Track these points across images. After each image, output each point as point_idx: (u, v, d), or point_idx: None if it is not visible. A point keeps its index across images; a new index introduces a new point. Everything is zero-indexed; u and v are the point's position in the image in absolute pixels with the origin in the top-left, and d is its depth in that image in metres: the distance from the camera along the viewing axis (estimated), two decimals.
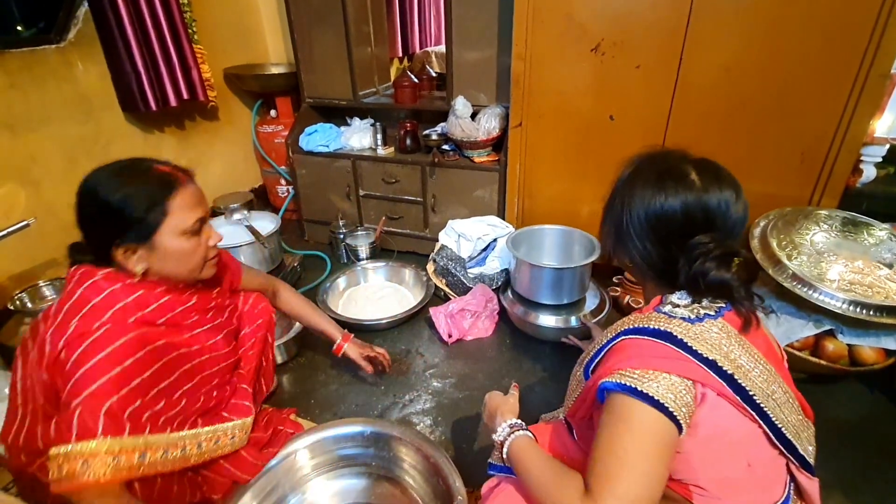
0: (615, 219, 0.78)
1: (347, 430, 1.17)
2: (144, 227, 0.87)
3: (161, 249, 0.89)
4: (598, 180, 1.81)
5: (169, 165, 0.93)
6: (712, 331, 0.68)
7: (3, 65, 1.62)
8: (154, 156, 2.32)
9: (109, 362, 0.80)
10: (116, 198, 0.85)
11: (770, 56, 1.44)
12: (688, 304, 0.71)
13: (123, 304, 0.87)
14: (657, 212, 0.72)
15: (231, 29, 2.46)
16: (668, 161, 0.77)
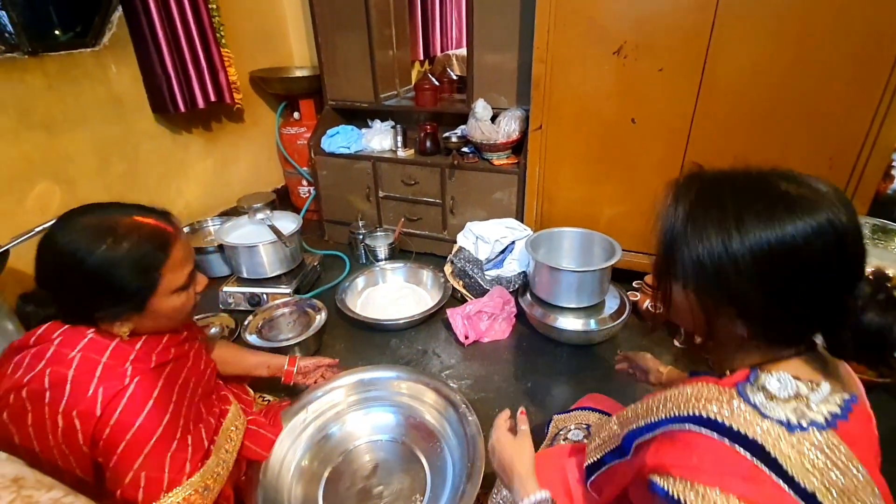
0: (692, 273, 0.56)
1: (380, 374, 1.32)
2: (139, 297, 0.79)
3: (153, 311, 0.82)
4: (618, 184, 1.79)
5: (153, 215, 0.83)
6: (816, 447, 0.48)
7: (42, 67, 1.70)
8: (182, 156, 2.40)
9: (155, 416, 0.78)
10: (105, 268, 0.75)
11: (798, 59, 1.41)
12: (789, 397, 0.51)
13: (135, 354, 0.81)
14: (773, 248, 0.50)
15: (257, 33, 2.52)
16: (752, 179, 0.57)
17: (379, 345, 1.74)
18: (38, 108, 1.70)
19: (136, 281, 0.78)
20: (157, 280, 0.80)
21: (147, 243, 0.79)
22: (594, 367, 1.61)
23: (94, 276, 0.75)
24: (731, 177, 0.58)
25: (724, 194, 0.56)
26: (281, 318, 1.74)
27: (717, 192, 0.57)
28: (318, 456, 1.21)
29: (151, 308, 0.82)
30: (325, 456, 1.21)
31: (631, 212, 1.82)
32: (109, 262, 0.75)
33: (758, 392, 0.52)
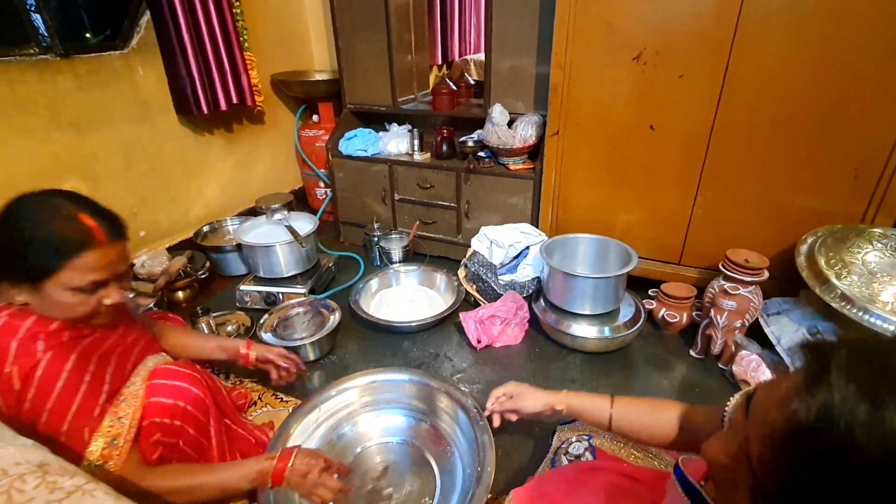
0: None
1: (394, 377, 1.33)
2: (34, 274, 0.84)
3: (46, 296, 0.86)
4: (635, 191, 1.78)
5: (98, 219, 0.88)
6: None
7: (73, 69, 1.75)
8: (203, 157, 2.46)
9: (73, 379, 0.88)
10: (24, 235, 0.82)
11: (822, 68, 1.39)
12: None
13: (46, 332, 0.88)
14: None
15: (279, 37, 2.57)
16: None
17: (391, 346, 1.75)
18: (68, 108, 1.76)
19: (38, 258, 0.83)
20: (55, 268, 0.84)
21: (66, 236, 0.84)
22: (608, 375, 1.60)
23: (12, 237, 0.83)
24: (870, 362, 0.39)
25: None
26: (296, 317, 1.76)
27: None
28: (330, 455, 1.21)
29: (45, 291, 0.86)
30: (337, 455, 1.22)
31: (648, 219, 1.80)
32: (31, 233, 0.82)
33: None
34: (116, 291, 0.93)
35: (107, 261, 0.88)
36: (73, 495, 0.51)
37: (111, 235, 0.89)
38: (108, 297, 0.92)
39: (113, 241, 0.89)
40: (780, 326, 1.49)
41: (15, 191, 1.76)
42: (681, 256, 1.82)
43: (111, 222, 0.91)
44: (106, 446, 0.88)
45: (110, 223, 0.90)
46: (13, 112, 1.61)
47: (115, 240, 0.90)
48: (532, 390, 1.02)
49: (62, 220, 0.84)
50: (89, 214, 0.87)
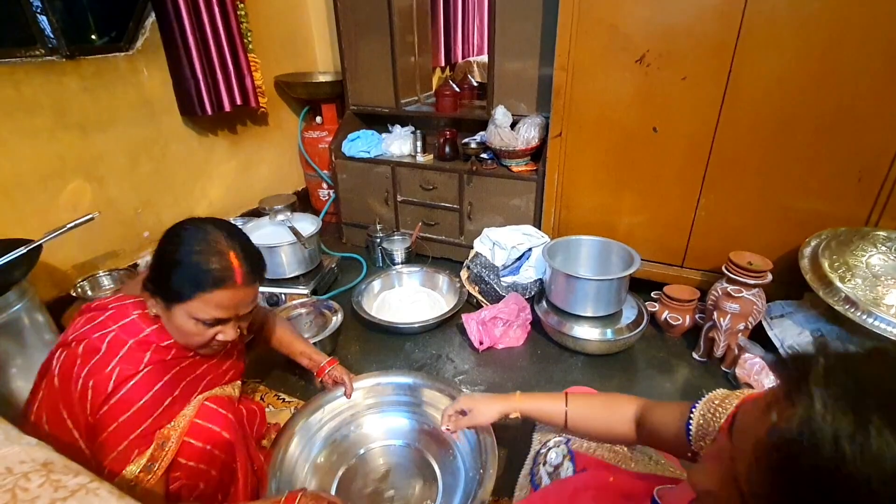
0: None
1: (398, 379, 1.32)
2: (171, 295, 0.90)
3: (173, 317, 0.91)
4: (638, 193, 1.78)
5: (240, 259, 0.91)
6: None
7: (79, 70, 1.76)
8: (207, 158, 2.45)
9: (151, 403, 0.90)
10: (176, 257, 0.88)
11: (827, 70, 1.39)
12: None
13: (157, 345, 0.93)
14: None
15: (283, 39, 2.58)
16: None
17: (393, 348, 1.75)
18: (73, 109, 1.77)
19: (178, 283, 0.88)
20: (189, 296, 0.88)
21: (210, 270, 0.88)
22: (610, 377, 1.60)
23: (165, 257, 0.90)
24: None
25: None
26: (298, 318, 1.77)
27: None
28: (333, 455, 1.22)
29: (173, 312, 0.90)
30: (340, 456, 1.22)
31: (651, 221, 1.80)
32: (179, 259, 0.88)
33: None
34: (233, 330, 0.96)
35: (236, 301, 0.92)
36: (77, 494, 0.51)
37: (249, 279, 0.92)
38: (224, 333, 0.94)
39: (249, 285, 0.93)
40: (784, 329, 1.49)
41: (21, 191, 1.78)
42: (684, 259, 1.81)
43: (254, 266, 0.94)
44: (143, 469, 0.87)
45: (253, 266, 0.93)
46: (19, 113, 1.62)
47: (252, 284, 0.93)
48: (484, 401, 1.00)
49: (212, 254, 0.88)
50: (238, 254, 0.91)
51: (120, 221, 1.96)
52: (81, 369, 0.87)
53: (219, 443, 0.97)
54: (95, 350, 0.88)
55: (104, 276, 1.84)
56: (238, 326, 0.97)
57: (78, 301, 1.72)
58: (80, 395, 0.86)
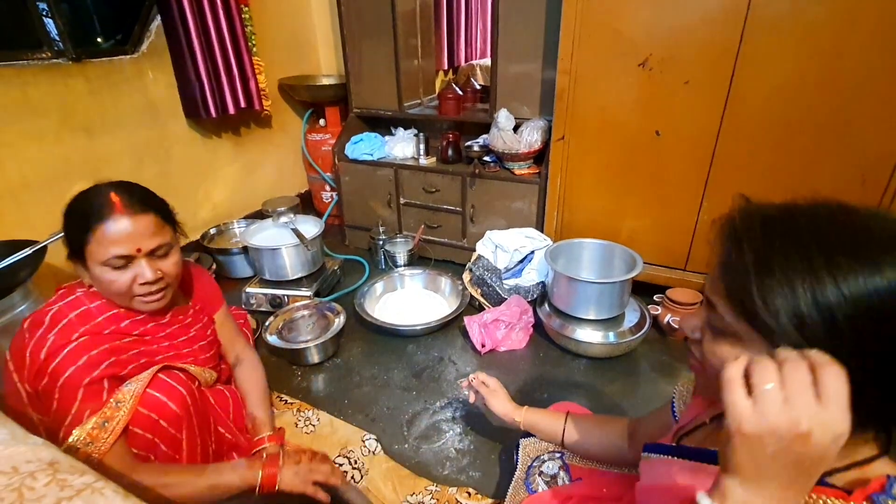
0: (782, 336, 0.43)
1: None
2: (74, 245, 0.93)
3: (90, 273, 0.94)
4: (641, 196, 1.78)
5: (120, 192, 0.93)
6: None
7: (84, 73, 1.78)
8: (211, 160, 2.47)
9: (85, 367, 0.90)
10: (66, 211, 0.93)
11: (830, 74, 1.39)
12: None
13: (97, 320, 0.96)
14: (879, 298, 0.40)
15: (287, 42, 2.59)
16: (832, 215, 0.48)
17: (395, 350, 1.76)
18: (79, 112, 1.78)
19: (72, 230, 0.93)
20: (84, 241, 0.91)
21: (90, 206, 0.91)
22: (612, 380, 1.60)
23: (64, 215, 0.94)
24: (806, 212, 0.48)
25: (803, 234, 0.45)
26: (300, 320, 1.77)
27: (794, 231, 0.46)
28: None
29: (89, 268, 0.93)
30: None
31: (653, 224, 1.80)
32: (69, 209, 0.94)
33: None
34: (149, 269, 0.95)
35: (126, 232, 0.91)
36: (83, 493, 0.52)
37: (133, 208, 0.92)
38: (141, 275, 0.95)
39: (134, 213, 0.92)
40: None
41: (27, 193, 1.79)
42: (686, 262, 1.81)
43: (136, 196, 0.95)
44: (96, 427, 0.87)
45: (134, 196, 0.94)
46: (26, 115, 1.64)
47: (138, 212, 0.93)
48: (504, 396, 1.09)
49: (93, 196, 0.92)
50: (116, 190, 0.93)
51: None
52: (28, 342, 0.90)
53: (167, 415, 0.96)
54: (39, 324, 0.92)
55: None
56: (157, 268, 0.97)
57: None
58: (22, 366, 0.90)
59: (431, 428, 1.42)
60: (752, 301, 0.44)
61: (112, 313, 0.98)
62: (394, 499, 1.18)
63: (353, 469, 1.25)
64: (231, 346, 1.29)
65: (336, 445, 1.31)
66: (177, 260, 1.02)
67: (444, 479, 1.25)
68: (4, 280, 1.30)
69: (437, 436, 1.39)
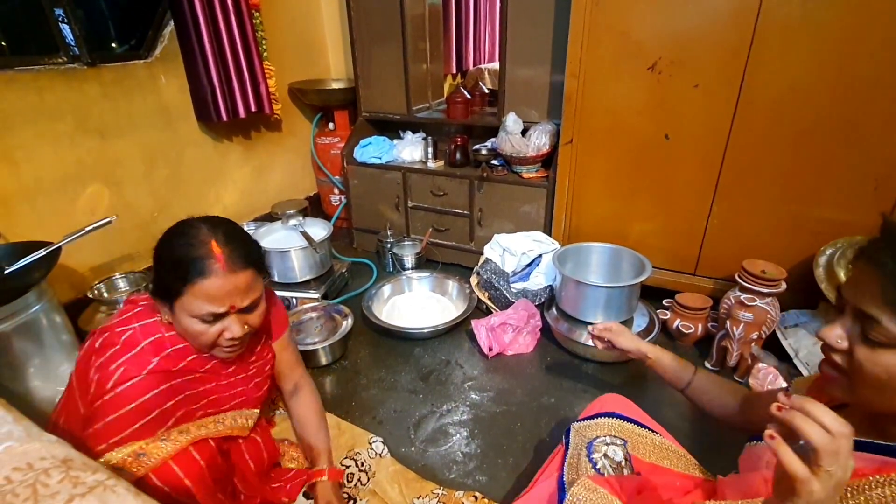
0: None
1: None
2: (167, 292, 0.89)
3: (176, 317, 0.91)
4: (650, 200, 1.77)
5: (225, 248, 0.88)
6: None
7: (99, 77, 1.81)
8: (222, 163, 2.49)
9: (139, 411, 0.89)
10: (163, 256, 0.90)
11: (841, 77, 1.37)
12: None
13: (167, 352, 0.93)
14: None
15: (297, 46, 2.62)
16: None
17: (403, 353, 1.76)
18: (93, 115, 1.81)
19: (169, 279, 0.89)
20: (179, 291, 0.87)
21: (192, 259, 0.86)
22: (620, 385, 1.59)
23: (159, 256, 0.91)
24: None
25: None
26: (309, 322, 1.78)
27: None
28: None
29: (176, 314, 0.91)
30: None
31: (662, 228, 1.79)
32: (168, 252, 0.89)
33: None
34: (238, 325, 0.92)
35: (226, 290, 0.88)
36: (95, 490, 0.53)
37: (235, 265, 0.88)
38: (229, 330, 0.92)
39: (235, 271, 0.88)
40: (798, 339, 1.47)
41: (42, 194, 1.82)
42: (696, 267, 1.80)
43: (241, 251, 0.90)
44: (131, 455, 0.85)
45: (239, 252, 0.89)
46: (42, 119, 1.67)
47: (238, 270, 0.89)
48: (629, 334, 1.14)
49: (193, 244, 0.87)
50: (220, 240, 0.88)
51: (137, 225, 2.00)
52: (96, 361, 0.89)
53: (179, 489, 0.91)
54: (112, 344, 0.90)
55: (120, 278, 1.88)
56: (245, 322, 0.94)
57: (94, 303, 1.75)
58: (87, 386, 0.89)
59: (438, 431, 1.42)
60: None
61: (182, 346, 0.95)
62: (400, 501, 1.18)
63: (359, 471, 1.25)
64: (291, 373, 1.24)
65: (343, 447, 1.32)
66: (263, 311, 0.98)
67: (451, 482, 1.25)
68: (19, 280, 1.32)
69: (443, 439, 1.39)
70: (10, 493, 0.53)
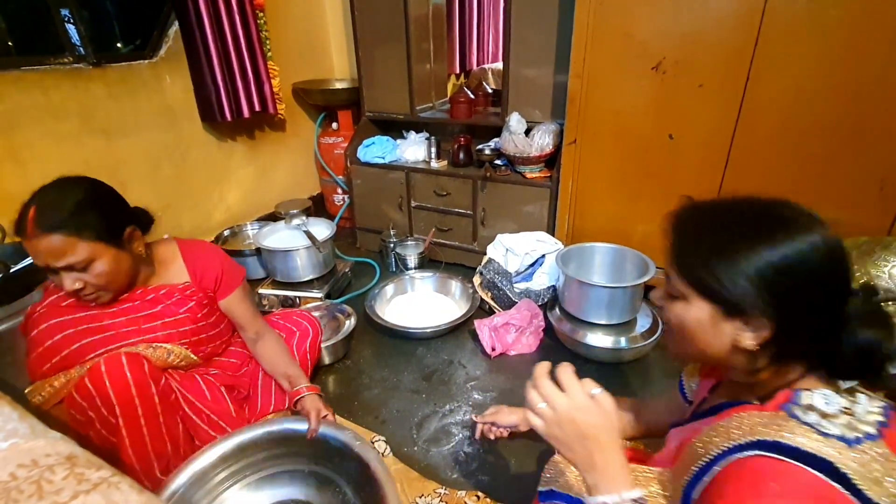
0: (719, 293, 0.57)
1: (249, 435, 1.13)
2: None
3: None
4: (653, 200, 1.76)
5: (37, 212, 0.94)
6: (875, 458, 0.48)
7: (104, 77, 1.82)
8: (225, 163, 2.49)
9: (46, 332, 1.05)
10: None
11: (847, 77, 1.37)
12: (837, 414, 0.52)
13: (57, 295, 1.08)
14: (794, 263, 0.54)
15: (301, 47, 2.63)
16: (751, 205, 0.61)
17: (405, 352, 1.76)
18: (99, 115, 1.82)
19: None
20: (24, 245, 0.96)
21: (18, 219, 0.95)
22: (623, 385, 1.58)
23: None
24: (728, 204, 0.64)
25: (731, 218, 0.61)
26: None
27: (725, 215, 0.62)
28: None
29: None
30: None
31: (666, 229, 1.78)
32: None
33: (808, 412, 0.53)
34: (68, 280, 0.98)
35: (34, 251, 0.95)
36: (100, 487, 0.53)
37: (39, 230, 0.93)
38: (63, 283, 0.99)
39: (39, 236, 0.93)
40: None
41: None
42: None
43: (54, 217, 0.94)
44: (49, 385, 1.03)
45: (50, 218, 0.94)
46: (48, 118, 1.68)
47: (41, 234, 0.93)
48: (506, 410, 1.09)
49: (25, 207, 0.95)
50: (39, 205, 0.94)
51: None
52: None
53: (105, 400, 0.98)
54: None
55: None
56: (79, 279, 0.99)
57: None
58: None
59: (441, 431, 1.42)
60: (696, 272, 0.60)
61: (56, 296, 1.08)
62: (403, 501, 1.18)
63: None
64: (250, 325, 1.31)
65: None
66: (101, 271, 1.01)
67: (454, 482, 1.25)
68: (24, 279, 1.33)
69: (446, 439, 1.39)
70: (15, 490, 0.53)
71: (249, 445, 1.11)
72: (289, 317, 1.48)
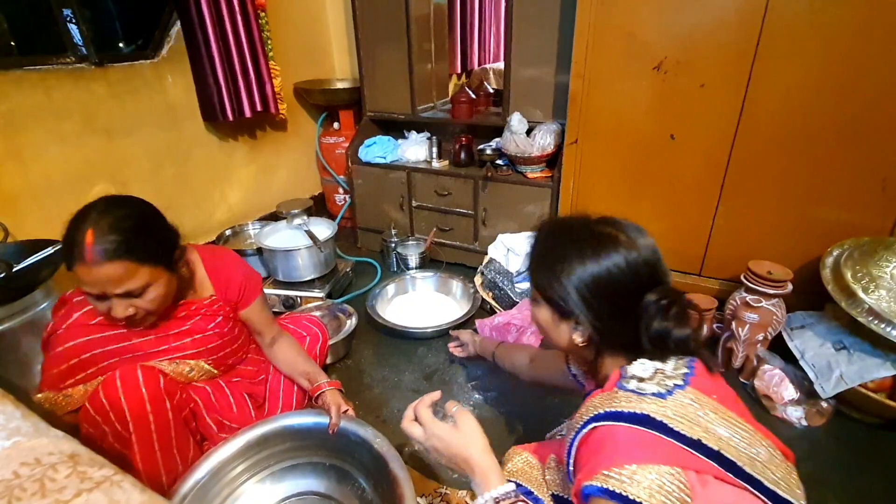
0: (554, 300, 0.74)
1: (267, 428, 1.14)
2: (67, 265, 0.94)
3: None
4: (655, 200, 1.76)
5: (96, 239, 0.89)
6: (686, 403, 0.62)
7: (106, 77, 1.82)
8: (227, 162, 2.49)
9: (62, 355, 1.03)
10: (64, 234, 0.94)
11: (849, 77, 1.37)
12: (652, 375, 0.66)
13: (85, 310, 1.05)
14: (603, 278, 0.70)
15: (302, 46, 2.63)
16: (584, 226, 0.77)
17: (407, 352, 1.76)
18: (101, 115, 1.82)
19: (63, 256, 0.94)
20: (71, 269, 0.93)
21: (70, 245, 0.90)
22: None
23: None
24: (569, 223, 0.79)
25: (565, 238, 0.76)
26: None
27: (562, 235, 0.77)
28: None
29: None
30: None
31: (667, 229, 1.78)
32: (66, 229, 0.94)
33: (630, 380, 0.67)
34: (120, 307, 0.96)
35: (94, 279, 0.91)
36: (102, 485, 0.53)
37: (101, 257, 0.89)
38: (113, 310, 0.96)
39: (101, 263, 0.90)
40: (804, 340, 1.46)
41: (49, 193, 1.83)
42: (701, 267, 1.79)
43: (113, 244, 0.90)
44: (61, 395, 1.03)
45: (111, 244, 0.90)
46: (50, 118, 1.68)
47: (105, 262, 0.90)
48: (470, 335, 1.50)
49: (77, 230, 0.90)
50: (97, 230, 0.90)
51: None
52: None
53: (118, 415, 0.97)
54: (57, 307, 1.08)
55: None
56: (132, 305, 0.97)
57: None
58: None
59: None
60: (541, 281, 0.76)
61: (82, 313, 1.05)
62: None
63: None
64: (267, 330, 1.31)
65: None
66: (155, 296, 1.00)
67: (454, 481, 1.25)
68: (27, 279, 1.33)
69: None
70: (18, 488, 0.53)
71: (272, 436, 1.14)
72: (298, 321, 1.49)
